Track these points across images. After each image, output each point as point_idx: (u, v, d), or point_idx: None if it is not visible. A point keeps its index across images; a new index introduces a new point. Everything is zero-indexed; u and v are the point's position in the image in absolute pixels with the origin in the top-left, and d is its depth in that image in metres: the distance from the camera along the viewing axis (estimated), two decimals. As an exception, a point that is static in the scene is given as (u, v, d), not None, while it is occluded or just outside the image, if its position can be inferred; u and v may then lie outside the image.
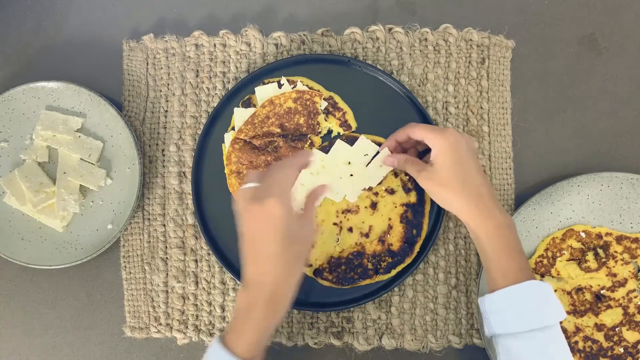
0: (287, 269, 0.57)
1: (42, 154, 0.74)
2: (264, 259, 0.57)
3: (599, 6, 0.77)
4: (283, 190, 0.57)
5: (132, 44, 0.77)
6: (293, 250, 0.58)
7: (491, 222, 0.61)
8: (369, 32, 0.75)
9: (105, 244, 0.71)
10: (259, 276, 0.57)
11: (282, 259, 0.57)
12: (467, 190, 0.62)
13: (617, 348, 0.70)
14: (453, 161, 0.62)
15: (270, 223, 0.56)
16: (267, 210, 0.56)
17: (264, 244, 0.57)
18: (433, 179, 0.63)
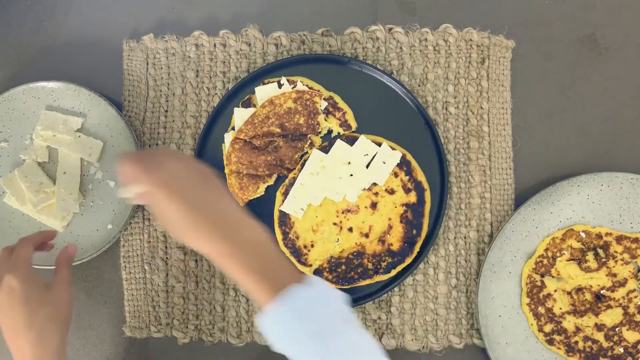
0: (41, 335, 0.58)
1: (42, 154, 0.74)
2: (15, 335, 0.58)
3: (599, 6, 0.77)
4: (17, 262, 0.60)
5: (132, 44, 0.77)
6: (41, 315, 0.58)
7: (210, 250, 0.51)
8: (369, 32, 0.75)
9: (105, 244, 0.71)
10: (18, 352, 0.58)
11: (32, 329, 0.57)
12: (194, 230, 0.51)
13: (617, 348, 0.70)
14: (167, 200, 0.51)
15: (9, 297, 0.58)
16: (5, 286, 0.58)
17: (10, 320, 0.58)
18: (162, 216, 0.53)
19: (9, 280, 0.58)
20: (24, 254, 0.62)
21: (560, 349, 0.71)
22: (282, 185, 0.72)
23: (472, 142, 0.74)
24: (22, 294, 0.58)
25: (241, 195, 0.71)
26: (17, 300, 0.58)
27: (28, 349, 0.57)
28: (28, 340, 0.57)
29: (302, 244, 0.71)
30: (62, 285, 0.63)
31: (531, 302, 0.71)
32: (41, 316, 0.58)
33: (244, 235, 0.52)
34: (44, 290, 0.60)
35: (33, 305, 0.58)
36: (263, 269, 0.50)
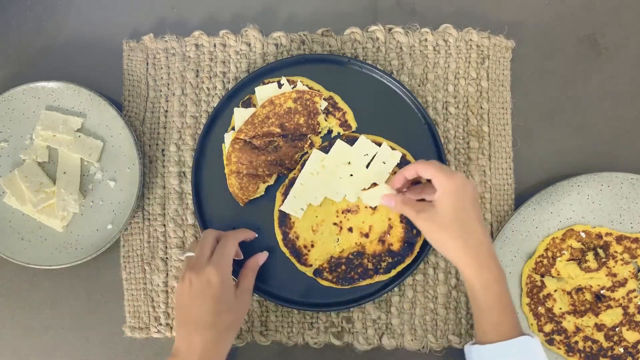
0: (217, 339, 0.58)
1: (42, 154, 0.74)
2: (194, 326, 0.58)
3: (599, 6, 0.77)
4: (222, 259, 0.60)
5: (132, 44, 0.77)
6: (225, 320, 0.59)
7: (488, 274, 0.59)
8: (369, 32, 0.75)
9: (105, 244, 0.71)
10: (189, 345, 0.58)
11: (213, 329, 0.58)
12: (466, 237, 0.59)
13: (617, 348, 0.70)
14: (457, 206, 0.60)
15: (205, 290, 0.58)
16: (204, 277, 0.58)
17: (197, 312, 0.58)
18: (433, 221, 0.61)
19: (211, 273, 0.59)
20: (229, 250, 0.62)
21: (560, 349, 0.71)
22: (282, 185, 0.72)
23: (472, 142, 0.74)
24: (217, 292, 0.58)
25: (241, 195, 0.71)
26: (211, 296, 0.58)
27: (200, 347, 0.58)
28: (204, 339, 0.58)
29: (302, 244, 0.71)
30: (247, 294, 0.63)
31: (531, 302, 0.71)
32: (224, 320, 0.59)
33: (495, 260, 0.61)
34: (233, 296, 0.61)
35: (222, 308, 0.59)
36: (512, 305, 0.60)
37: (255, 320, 0.73)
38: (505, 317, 0.59)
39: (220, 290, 0.58)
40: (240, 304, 0.62)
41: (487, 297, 0.59)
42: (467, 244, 0.59)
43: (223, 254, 0.61)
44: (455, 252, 0.60)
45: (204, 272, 0.59)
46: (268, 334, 0.73)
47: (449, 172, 0.61)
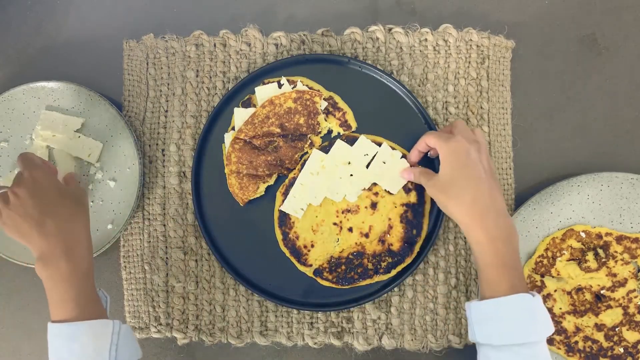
0: (68, 222, 0.62)
1: (42, 154, 0.74)
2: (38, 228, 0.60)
3: (599, 6, 0.77)
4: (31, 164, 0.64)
5: (132, 43, 0.77)
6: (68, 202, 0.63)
7: (483, 234, 0.59)
8: (369, 32, 0.75)
9: (105, 244, 0.71)
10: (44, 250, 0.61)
11: (58, 217, 0.61)
12: (464, 198, 0.60)
13: (617, 348, 0.70)
14: (453, 168, 0.61)
15: (32, 189, 0.61)
16: (28, 180, 0.62)
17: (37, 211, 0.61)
18: (435, 186, 0.63)
19: (32, 172, 0.62)
20: (36, 159, 0.65)
21: (560, 349, 0.71)
22: (282, 185, 0.72)
23: (472, 142, 0.74)
24: (44, 183, 0.62)
25: (241, 195, 0.71)
26: (41, 188, 0.62)
27: (55, 236, 0.60)
28: (56, 225, 0.61)
29: (302, 244, 0.71)
30: (73, 181, 0.69)
31: (531, 302, 0.71)
32: (67, 203, 0.63)
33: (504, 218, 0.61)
34: (61, 185, 0.65)
35: (56, 194, 0.63)
36: (514, 265, 0.59)
37: (255, 320, 0.73)
38: (502, 277, 0.58)
39: (46, 181, 0.63)
40: (73, 190, 0.66)
41: (483, 257, 0.59)
42: (464, 203, 0.60)
43: (31, 160, 0.64)
44: (455, 214, 0.61)
45: (24, 176, 0.62)
46: (268, 334, 0.73)
47: (445, 138, 0.63)
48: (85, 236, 0.63)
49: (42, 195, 0.61)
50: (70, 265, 0.60)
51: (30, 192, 0.61)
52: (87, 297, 0.61)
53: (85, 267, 0.61)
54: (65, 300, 0.60)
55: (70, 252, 0.60)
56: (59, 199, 0.62)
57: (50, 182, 0.63)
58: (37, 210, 0.60)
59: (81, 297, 0.60)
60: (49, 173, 0.64)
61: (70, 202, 0.63)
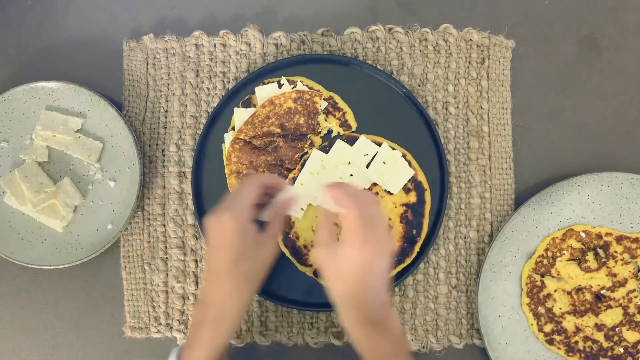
0: (235, 289, 0.56)
1: (42, 154, 0.74)
2: (213, 276, 0.57)
3: (599, 6, 0.77)
4: (237, 204, 0.56)
5: (132, 44, 0.77)
6: (242, 269, 0.56)
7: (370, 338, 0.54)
8: (369, 32, 0.75)
9: (105, 244, 0.71)
10: (207, 294, 0.57)
11: (229, 278, 0.56)
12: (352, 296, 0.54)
13: (617, 348, 0.70)
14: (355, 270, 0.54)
15: (222, 239, 0.56)
16: (221, 225, 0.55)
17: (214, 261, 0.57)
18: (334, 262, 0.55)
19: (225, 219, 0.55)
20: (246, 193, 0.57)
21: (560, 349, 0.71)
22: (282, 185, 0.72)
23: (472, 142, 0.74)
24: (231, 240, 0.55)
25: (241, 195, 0.71)
26: (225, 245, 0.55)
27: (221, 294, 0.56)
28: (222, 289, 0.56)
29: (302, 244, 0.71)
30: (271, 240, 0.59)
31: (531, 302, 0.71)
32: (242, 269, 0.56)
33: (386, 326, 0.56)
34: (253, 243, 0.57)
35: (239, 256, 0.55)
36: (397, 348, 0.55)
37: (255, 320, 0.73)
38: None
39: (234, 238, 0.55)
40: (263, 251, 0.58)
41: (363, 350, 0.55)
42: (358, 308, 0.54)
43: (238, 198, 0.56)
44: (341, 306, 0.56)
45: (221, 218, 0.55)
46: (268, 334, 0.73)
47: (363, 238, 0.53)
48: (243, 308, 0.58)
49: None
50: (223, 328, 0.56)
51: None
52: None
53: (227, 338, 0.58)
54: (198, 356, 0.56)
55: (228, 314, 0.56)
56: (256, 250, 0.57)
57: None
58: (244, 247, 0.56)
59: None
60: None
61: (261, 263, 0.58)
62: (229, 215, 0.55)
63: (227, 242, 0.55)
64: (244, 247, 0.56)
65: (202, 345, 0.56)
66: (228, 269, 0.56)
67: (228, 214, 0.55)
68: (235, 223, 0.55)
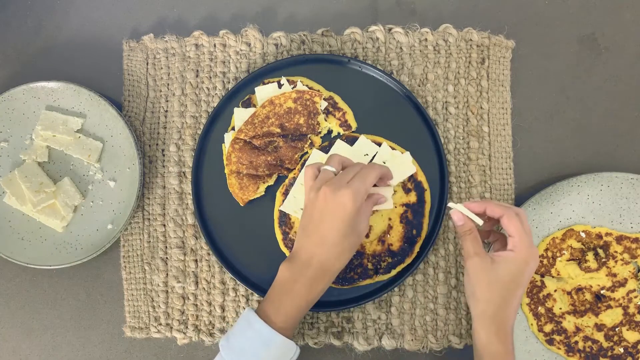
0: (338, 256, 0.60)
1: (42, 154, 0.74)
2: (319, 240, 0.60)
3: (599, 6, 0.77)
4: (360, 187, 0.60)
5: (132, 44, 0.77)
6: (349, 241, 0.60)
7: (499, 346, 0.59)
8: (369, 32, 0.75)
9: (105, 244, 0.71)
10: (309, 256, 0.60)
11: (338, 247, 0.60)
12: (500, 308, 0.60)
13: (617, 348, 0.70)
14: (514, 278, 0.60)
15: (338, 212, 0.59)
16: (340, 200, 0.59)
17: (326, 229, 0.60)
18: (484, 273, 0.60)
19: (347, 197, 0.59)
20: (370, 180, 0.62)
21: (560, 349, 0.71)
22: (282, 185, 0.72)
23: (472, 142, 0.74)
24: (349, 217, 0.59)
25: (241, 195, 0.71)
26: (342, 219, 0.59)
27: (320, 260, 0.60)
28: (327, 255, 0.60)
29: (302, 244, 0.71)
30: (367, 219, 0.63)
31: (531, 302, 0.71)
32: (348, 242, 0.60)
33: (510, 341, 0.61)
34: (359, 220, 0.61)
35: (349, 231, 0.60)
36: None
37: None
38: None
39: (352, 216, 0.59)
40: (362, 227, 0.62)
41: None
42: (497, 315, 0.60)
43: (364, 182, 0.61)
44: (481, 314, 0.60)
45: (341, 193, 0.59)
46: (268, 334, 0.73)
47: (529, 242, 0.60)
48: (336, 274, 0.62)
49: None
50: (319, 286, 0.60)
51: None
52: (299, 319, 0.61)
53: (318, 297, 0.62)
54: (289, 310, 0.60)
55: (328, 274, 0.61)
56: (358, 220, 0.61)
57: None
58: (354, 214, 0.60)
59: (299, 316, 0.61)
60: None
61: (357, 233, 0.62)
62: (351, 194, 0.59)
63: (343, 217, 0.59)
64: (354, 224, 0.60)
65: (295, 300, 0.60)
66: (338, 239, 0.60)
67: (351, 194, 0.59)
68: (355, 204, 0.59)
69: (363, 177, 0.61)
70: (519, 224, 0.60)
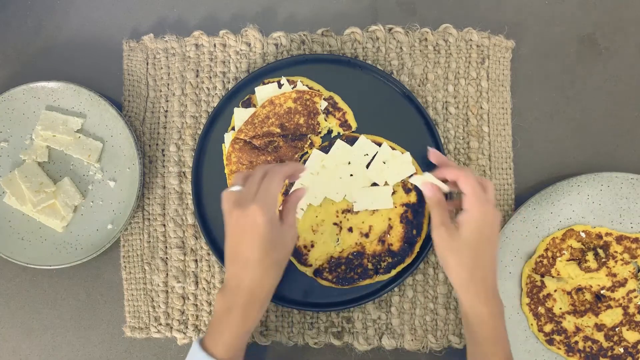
0: (265, 275, 0.59)
1: (42, 154, 0.74)
2: (243, 264, 0.58)
3: (599, 6, 0.77)
4: (267, 197, 0.58)
5: (132, 44, 0.77)
6: (272, 257, 0.59)
7: (485, 308, 0.60)
8: (369, 32, 0.75)
9: (105, 244, 0.71)
10: (238, 281, 0.59)
11: (261, 266, 0.58)
12: (474, 270, 0.60)
13: (617, 348, 0.70)
14: (478, 238, 0.60)
15: (252, 230, 0.57)
16: (249, 217, 0.57)
17: (245, 250, 0.58)
18: (450, 240, 0.61)
19: (256, 212, 0.57)
20: (275, 187, 0.59)
21: (560, 349, 0.71)
22: (282, 185, 0.72)
23: (472, 142, 0.74)
24: (264, 231, 0.57)
25: (241, 195, 0.71)
26: (258, 235, 0.57)
27: (248, 283, 0.58)
28: (252, 276, 0.58)
29: (302, 244, 0.71)
30: (292, 229, 0.61)
31: (531, 302, 0.71)
32: (271, 257, 0.59)
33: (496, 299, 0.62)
34: (279, 233, 0.59)
35: (269, 246, 0.58)
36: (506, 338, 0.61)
37: (255, 320, 0.73)
38: (498, 351, 0.59)
39: (266, 229, 0.57)
40: (287, 239, 0.61)
41: (481, 330, 0.60)
42: (473, 277, 0.60)
43: (268, 191, 0.58)
44: (458, 280, 0.61)
45: (249, 210, 0.57)
46: (268, 334, 0.73)
47: (483, 200, 0.60)
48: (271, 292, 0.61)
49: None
50: (254, 312, 0.59)
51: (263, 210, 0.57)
52: (242, 347, 0.60)
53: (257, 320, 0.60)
54: (228, 340, 0.58)
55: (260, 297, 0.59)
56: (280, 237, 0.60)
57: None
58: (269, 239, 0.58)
59: (241, 344, 0.60)
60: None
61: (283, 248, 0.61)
62: (260, 208, 0.57)
63: (258, 233, 0.57)
64: (273, 237, 0.58)
65: (233, 329, 0.58)
66: (260, 258, 0.58)
67: (259, 207, 0.57)
68: (266, 216, 0.57)
69: (266, 186, 0.59)
70: (473, 182, 0.60)
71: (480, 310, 0.60)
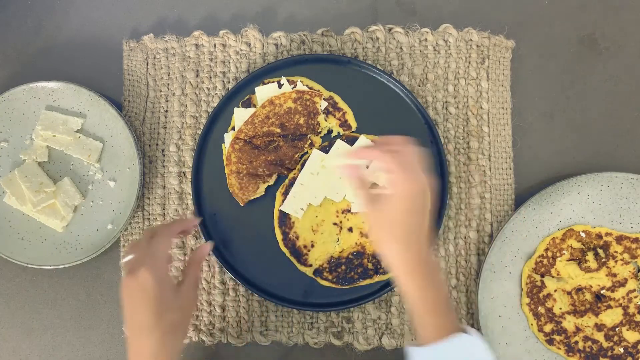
0: (162, 344, 0.57)
1: (42, 154, 0.74)
2: (139, 331, 0.57)
3: (599, 6, 0.77)
4: (154, 259, 0.57)
5: (132, 44, 0.77)
6: (167, 320, 0.57)
7: (422, 281, 0.56)
8: (369, 32, 0.75)
9: (105, 244, 0.71)
10: (137, 350, 0.57)
11: (156, 331, 0.56)
12: (408, 244, 0.56)
13: (617, 348, 0.70)
14: (410, 211, 0.56)
15: (141, 294, 0.56)
16: (139, 281, 0.56)
17: (138, 316, 0.57)
18: (381, 217, 0.57)
19: (145, 275, 0.56)
20: (163, 247, 0.59)
21: (560, 349, 0.71)
22: (282, 185, 0.72)
23: (472, 142, 0.74)
24: (154, 294, 0.56)
25: (241, 195, 0.71)
26: (148, 299, 0.56)
27: (148, 350, 0.56)
28: (149, 343, 0.56)
29: (302, 244, 0.71)
30: (191, 289, 0.61)
31: (531, 302, 0.71)
32: (167, 321, 0.57)
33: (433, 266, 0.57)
34: (174, 293, 0.58)
35: (162, 308, 0.57)
36: (448, 305, 0.57)
37: (255, 320, 0.73)
38: (440, 321, 0.56)
39: (156, 291, 0.56)
40: (184, 301, 0.59)
41: (420, 303, 0.57)
42: (408, 251, 0.56)
43: (154, 253, 0.58)
44: (392, 256, 0.57)
45: (138, 273, 0.56)
46: (268, 334, 0.73)
47: (410, 172, 0.56)
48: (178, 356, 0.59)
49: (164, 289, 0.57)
50: None
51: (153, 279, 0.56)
52: None
53: None
54: None
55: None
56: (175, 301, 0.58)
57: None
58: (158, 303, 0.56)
59: None
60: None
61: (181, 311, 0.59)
62: (147, 270, 0.56)
63: (148, 296, 0.56)
64: (165, 299, 0.57)
65: None
66: (153, 324, 0.56)
67: (146, 269, 0.56)
68: (154, 277, 0.56)
69: (154, 247, 0.58)
70: (389, 159, 0.56)
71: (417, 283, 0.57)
